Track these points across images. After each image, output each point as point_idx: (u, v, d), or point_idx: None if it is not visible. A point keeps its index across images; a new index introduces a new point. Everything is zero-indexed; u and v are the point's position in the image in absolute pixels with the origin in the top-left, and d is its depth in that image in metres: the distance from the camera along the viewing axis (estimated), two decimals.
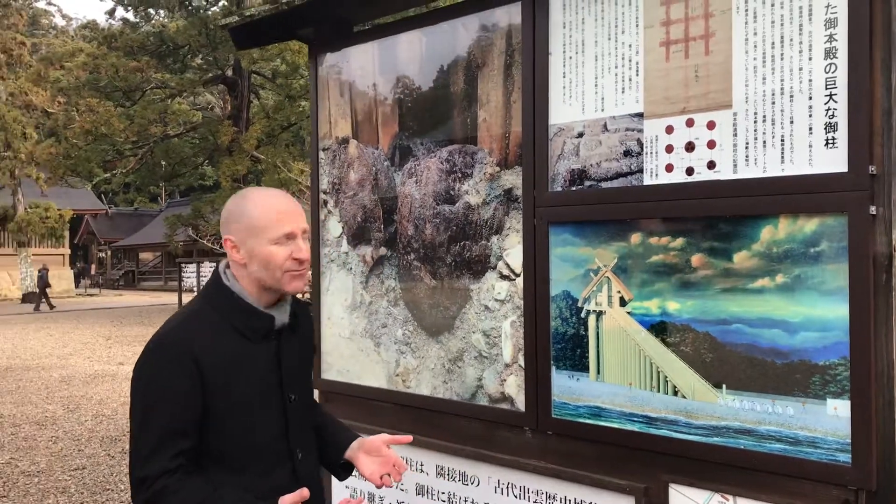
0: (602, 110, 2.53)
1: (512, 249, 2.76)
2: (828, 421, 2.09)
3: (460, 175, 2.92)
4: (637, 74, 2.44)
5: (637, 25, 2.45)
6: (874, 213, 2.00)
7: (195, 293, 22.75)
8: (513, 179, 2.76)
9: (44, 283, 26.56)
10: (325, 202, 3.45)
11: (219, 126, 23.65)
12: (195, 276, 24.07)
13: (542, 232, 2.65)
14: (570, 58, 2.61)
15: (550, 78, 2.65)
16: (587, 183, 2.56)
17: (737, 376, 2.24)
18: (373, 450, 2.19)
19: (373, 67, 3.24)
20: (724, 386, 2.27)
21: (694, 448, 2.32)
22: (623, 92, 2.48)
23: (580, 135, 2.58)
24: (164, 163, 26.44)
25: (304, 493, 1.85)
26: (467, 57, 2.91)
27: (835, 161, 2.07)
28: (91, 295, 32.14)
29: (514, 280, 2.75)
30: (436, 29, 3.01)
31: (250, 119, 24.55)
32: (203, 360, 1.87)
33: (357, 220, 3.30)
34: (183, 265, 24.80)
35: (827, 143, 2.08)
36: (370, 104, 3.25)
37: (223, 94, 30.54)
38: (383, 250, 3.20)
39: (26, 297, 28.39)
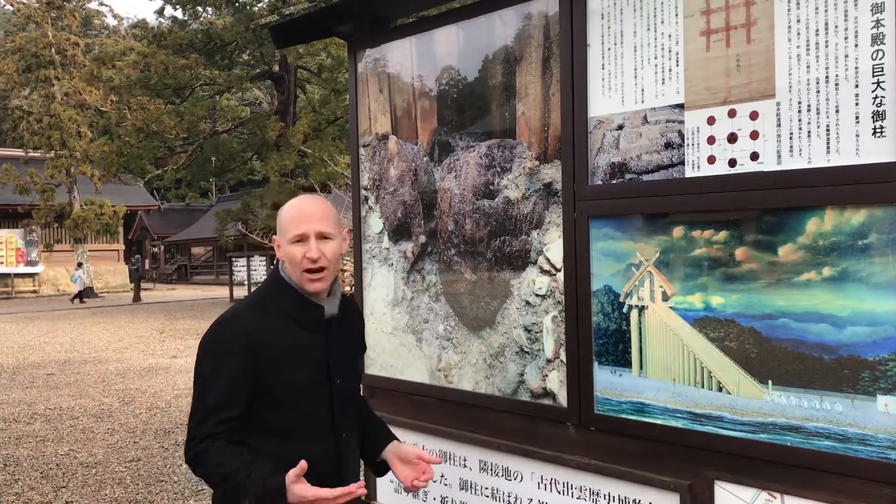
0: (642, 102, 2.49)
1: (552, 244, 2.74)
2: (878, 418, 2.04)
3: (499, 169, 2.90)
4: (677, 65, 2.40)
5: (677, 15, 2.40)
6: None
7: (245, 287, 22.99)
8: (552, 173, 2.73)
9: (139, 274, 27.81)
10: (366, 198, 3.46)
11: (266, 121, 23.92)
12: (245, 269, 24.45)
13: (582, 226, 2.63)
14: (609, 49, 2.57)
15: (589, 70, 2.62)
16: (628, 176, 2.52)
17: (783, 372, 2.20)
18: (406, 459, 2.38)
19: (411, 63, 3.24)
20: (770, 382, 2.22)
21: (740, 445, 2.28)
22: (663, 83, 2.43)
23: (620, 127, 2.54)
24: (213, 158, 26.87)
25: (303, 465, 1.99)
26: (505, 50, 2.89)
27: (883, 150, 2.00)
28: (145, 289, 32.88)
29: (555, 275, 2.73)
30: (473, 23, 2.99)
31: (297, 114, 24.79)
32: (259, 342, 2.08)
33: (397, 216, 3.31)
34: (234, 259, 25.17)
35: (875, 132, 2.02)
36: (409, 99, 3.25)
37: (270, 90, 30.87)
38: (424, 246, 3.20)
39: (83, 293, 29.10)
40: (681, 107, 2.39)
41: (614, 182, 2.56)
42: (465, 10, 3.03)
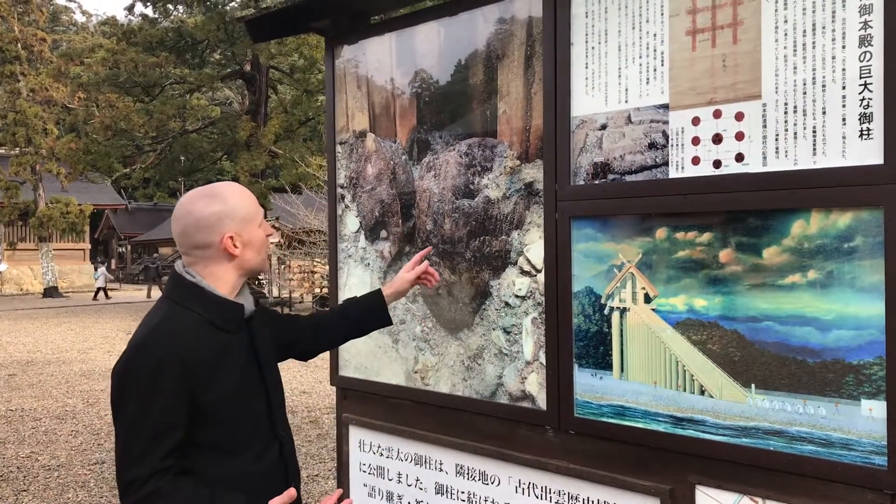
0: (626, 102, 2.46)
1: (533, 245, 2.70)
2: (862, 422, 2.02)
3: (480, 169, 2.86)
4: (662, 65, 2.37)
5: (662, 14, 2.37)
6: None
7: None
8: (534, 173, 2.69)
9: (157, 272, 28.39)
10: (343, 197, 3.40)
11: (237, 121, 23.71)
12: None
13: (563, 226, 2.59)
14: (593, 48, 2.54)
15: (572, 69, 2.58)
16: (610, 176, 2.49)
17: (766, 375, 2.17)
18: (405, 282, 2.60)
19: (390, 59, 3.18)
20: (753, 385, 2.20)
21: (722, 449, 2.26)
22: (648, 83, 2.41)
23: (603, 127, 2.51)
24: (182, 158, 26.55)
25: (292, 492, 1.92)
26: (487, 48, 2.84)
27: (870, 153, 1.99)
28: (112, 289, 32.38)
29: (535, 276, 2.69)
30: (454, 20, 2.95)
31: (268, 114, 24.58)
32: (187, 358, 1.91)
33: (375, 215, 3.25)
34: None
35: (861, 135, 2.00)
36: (388, 97, 3.20)
37: (241, 90, 30.61)
38: (401, 245, 3.15)
39: (48, 292, 28.61)
40: (665, 107, 2.36)
41: (597, 182, 2.52)
42: (446, 7, 2.98)
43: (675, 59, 2.35)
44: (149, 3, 24.77)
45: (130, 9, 25.56)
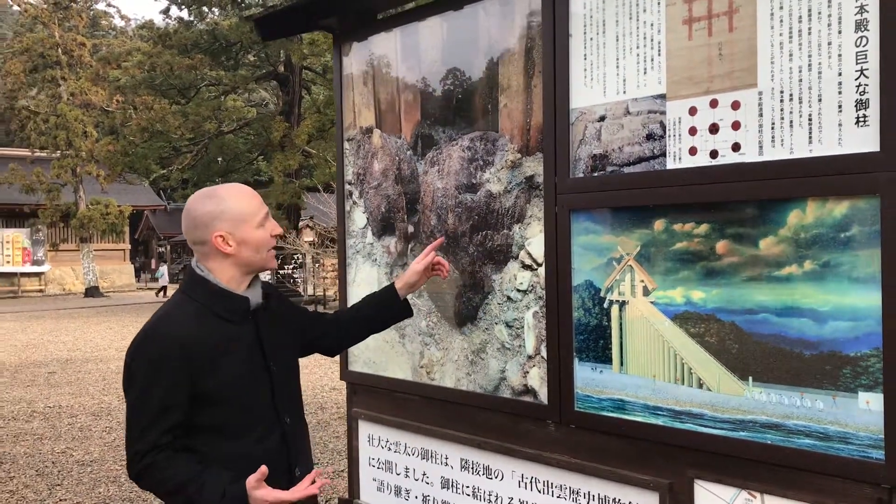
0: (624, 93, 2.43)
1: (534, 238, 2.69)
2: (859, 415, 1.98)
3: (482, 163, 2.85)
4: (659, 54, 2.35)
5: (659, 3, 2.34)
6: None
7: None
8: (534, 166, 2.68)
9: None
10: (350, 193, 3.41)
11: (271, 122, 23.89)
12: None
13: (563, 219, 2.57)
14: (591, 39, 2.52)
15: (571, 60, 2.56)
16: (609, 168, 2.47)
17: (764, 368, 2.14)
18: (414, 273, 2.56)
19: (395, 55, 3.19)
20: (750, 378, 2.17)
21: (720, 443, 2.23)
22: (645, 73, 2.38)
23: (602, 118, 2.49)
24: (219, 159, 26.85)
25: (264, 470, 1.98)
26: (488, 41, 2.84)
27: (866, 140, 1.95)
28: (151, 289, 32.91)
29: (536, 270, 2.68)
30: (456, 14, 2.95)
31: (301, 114, 24.75)
32: (189, 345, 2.05)
33: (381, 211, 3.26)
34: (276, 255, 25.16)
35: (858, 122, 1.96)
36: (393, 93, 3.20)
37: (276, 91, 30.89)
38: (407, 241, 3.15)
39: (89, 292, 29.16)
40: (663, 97, 2.34)
41: (595, 175, 2.50)
42: (448, 2, 2.98)
43: (672, 48, 2.32)
44: (183, 6, 25.07)
45: (166, 11, 25.87)
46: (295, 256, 23.00)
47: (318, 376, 10.63)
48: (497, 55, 2.80)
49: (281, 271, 23.96)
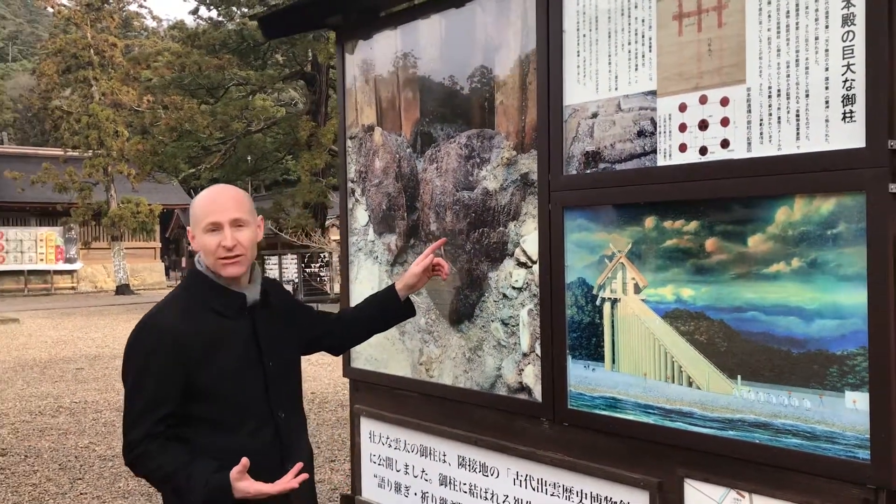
0: (616, 89, 2.42)
1: (528, 236, 2.69)
2: (846, 415, 1.95)
3: (478, 160, 2.86)
4: (650, 50, 2.33)
5: None
6: (894, 191, 1.85)
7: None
8: (529, 164, 2.68)
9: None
10: (353, 191, 3.43)
11: (298, 121, 24.03)
12: (277, 267, 24.61)
13: (556, 217, 2.57)
14: (584, 35, 2.51)
15: (565, 57, 2.56)
16: (601, 165, 2.46)
17: (752, 366, 2.12)
18: (413, 275, 2.55)
19: (395, 53, 3.20)
20: (739, 377, 2.15)
21: (709, 442, 2.21)
22: (636, 69, 2.37)
23: (594, 115, 2.48)
24: (248, 158, 27.05)
25: (245, 462, 2.01)
26: (484, 38, 2.84)
27: (853, 136, 1.92)
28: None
29: (531, 267, 2.68)
30: (455, 11, 2.95)
31: (328, 113, 24.86)
32: (183, 338, 2.10)
33: (382, 209, 3.28)
34: (265, 257, 25.37)
35: (844, 117, 1.94)
36: (393, 90, 3.22)
37: (304, 90, 31.08)
38: (407, 238, 3.16)
39: (120, 289, 29.55)
40: (653, 93, 2.32)
41: (588, 172, 2.49)
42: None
43: (663, 44, 2.30)
44: (212, 7, 25.30)
45: (195, 12, 26.12)
46: (321, 255, 23.12)
47: (330, 372, 10.68)
48: (493, 52, 2.80)
49: (308, 269, 24.11)
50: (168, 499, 2.22)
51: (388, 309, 2.60)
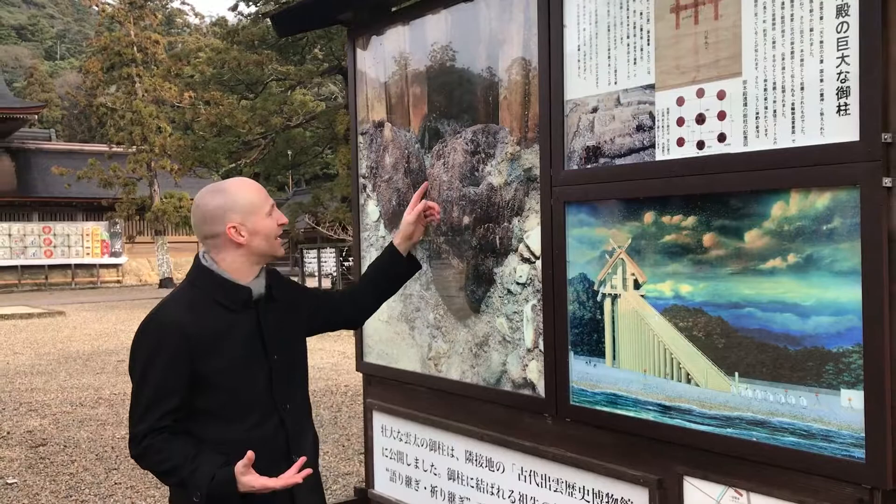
0: (615, 83, 2.40)
1: (532, 231, 2.68)
2: (842, 413, 1.92)
3: (484, 155, 2.85)
4: (648, 44, 2.31)
5: None
6: (889, 185, 1.81)
7: (316, 278, 23.18)
8: (532, 159, 2.67)
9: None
10: (364, 186, 3.46)
11: (336, 115, 24.17)
12: (316, 261, 24.81)
13: (558, 212, 2.56)
14: (584, 29, 2.49)
15: (566, 51, 2.54)
16: (601, 160, 2.44)
17: (749, 363, 2.09)
18: (407, 224, 2.62)
19: (404, 49, 3.21)
20: (736, 374, 2.12)
21: (708, 439, 2.19)
22: (635, 63, 2.34)
23: (594, 110, 2.46)
24: (289, 152, 27.30)
25: (251, 455, 2.03)
26: (489, 33, 2.83)
27: (847, 129, 1.88)
28: None
29: (535, 262, 2.67)
30: (460, 7, 2.95)
31: None
32: (190, 333, 2.13)
33: (392, 204, 3.29)
34: (304, 251, 25.61)
35: (839, 110, 1.90)
36: (402, 86, 3.23)
37: (342, 84, 31.23)
38: None
39: (163, 283, 30.09)
40: (651, 87, 2.30)
41: (588, 167, 2.48)
42: None
43: (661, 37, 2.28)
44: (251, 3, 25.54)
45: (234, 8, 26.39)
46: None
47: (344, 362, 10.76)
48: (497, 47, 2.80)
49: (346, 263, 24.27)
50: (174, 492, 2.25)
51: (393, 269, 2.64)
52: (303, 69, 24.82)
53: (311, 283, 24.61)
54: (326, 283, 25.73)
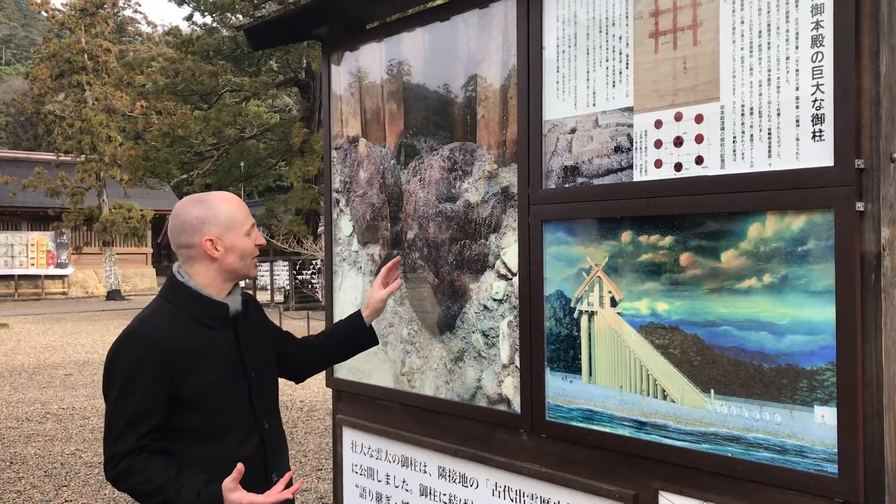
0: (594, 105, 2.45)
1: (509, 248, 2.72)
2: (815, 429, 1.98)
3: (461, 173, 2.88)
4: (627, 67, 2.36)
5: (627, 17, 2.36)
6: (861, 209, 1.88)
7: (269, 292, 22.98)
8: (510, 177, 2.71)
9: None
10: (337, 201, 3.46)
11: (291, 127, 24.07)
12: (269, 274, 24.59)
13: (535, 230, 2.60)
14: (564, 52, 2.54)
15: (545, 73, 2.59)
16: (579, 180, 2.49)
17: (725, 381, 2.15)
18: (378, 301, 2.64)
19: (380, 65, 3.23)
20: (712, 390, 2.18)
21: (683, 455, 2.23)
22: (614, 86, 2.40)
23: (573, 130, 2.51)
24: (241, 164, 27.07)
25: (240, 468, 2.01)
26: (467, 52, 2.87)
27: (822, 154, 1.95)
28: None
29: (511, 279, 2.70)
30: (438, 26, 2.98)
31: (321, 121, 24.90)
32: (168, 350, 2.10)
33: (366, 219, 3.30)
34: (257, 264, 25.35)
35: (814, 136, 1.97)
36: (378, 102, 3.25)
37: (298, 97, 31.10)
38: (390, 249, 3.19)
39: (111, 295, 29.49)
40: (630, 110, 2.36)
41: (566, 186, 2.52)
42: (432, 12, 3.02)
43: (639, 61, 2.34)
44: (206, 13, 25.32)
45: (190, 18, 26.14)
46: (313, 262, 23.12)
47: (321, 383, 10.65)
48: (475, 66, 2.83)
49: (299, 276, 24.09)
50: None
51: (352, 336, 2.65)
52: (258, 81, 24.69)
53: (262, 296, 24.40)
54: (279, 297, 25.55)
